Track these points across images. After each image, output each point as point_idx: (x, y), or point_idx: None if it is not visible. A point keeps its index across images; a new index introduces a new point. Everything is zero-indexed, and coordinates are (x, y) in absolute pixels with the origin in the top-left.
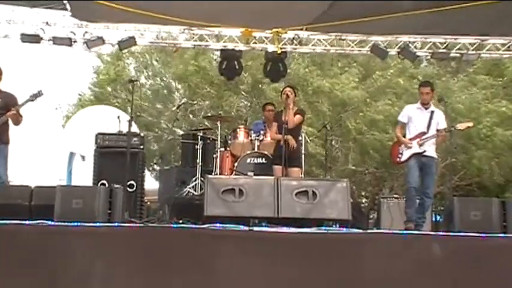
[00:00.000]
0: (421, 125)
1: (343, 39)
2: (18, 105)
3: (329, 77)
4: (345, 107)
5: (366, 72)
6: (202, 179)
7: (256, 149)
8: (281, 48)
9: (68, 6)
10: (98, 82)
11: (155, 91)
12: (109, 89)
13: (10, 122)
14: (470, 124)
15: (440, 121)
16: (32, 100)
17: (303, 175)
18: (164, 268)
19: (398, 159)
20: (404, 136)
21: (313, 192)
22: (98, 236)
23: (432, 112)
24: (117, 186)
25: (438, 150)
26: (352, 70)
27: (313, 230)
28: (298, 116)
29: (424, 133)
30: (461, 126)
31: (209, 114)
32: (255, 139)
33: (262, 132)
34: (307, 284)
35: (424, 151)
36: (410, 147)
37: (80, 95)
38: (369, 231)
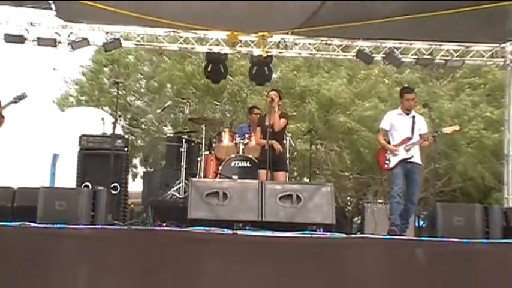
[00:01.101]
0: (405, 131)
1: (329, 44)
2: (0, 107)
3: (320, 77)
4: (332, 106)
5: (351, 76)
6: (186, 181)
7: (241, 153)
8: (267, 52)
9: (52, 6)
10: (95, 60)
11: (147, 85)
12: (106, 69)
13: None
14: (457, 128)
15: (422, 126)
16: (15, 102)
17: (287, 179)
18: (147, 271)
19: (386, 166)
20: (388, 143)
21: (298, 196)
22: (81, 238)
23: (414, 117)
24: (100, 188)
25: (422, 155)
26: (339, 72)
27: (297, 234)
28: (283, 120)
29: (409, 138)
30: (447, 130)
31: (194, 117)
32: (240, 142)
33: (247, 135)
34: None
35: (412, 156)
36: (397, 155)
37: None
38: (352, 235)
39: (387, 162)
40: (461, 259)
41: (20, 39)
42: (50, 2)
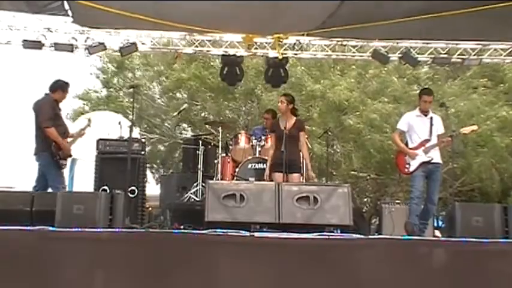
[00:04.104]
0: (423, 132)
1: (344, 45)
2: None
3: (328, 80)
4: (340, 109)
5: (362, 74)
6: (203, 184)
7: (257, 155)
8: (282, 54)
9: (69, 12)
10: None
11: (159, 92)
12: (115, 80)
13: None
14: (475, 127)
15: (439, 127)
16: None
17: (304, 180)
18: (165, 274)
19: (406, 170)
20: (406, 144)
21: (314, 197)
22: (99, 241)
23: (431, 118)
24: (118, 191)
25: (441, 155)
26: (351, 73)
27: (314, 235)
28: (295, 122)
29: (427, 140)
30: (466, 130)
31: (211, 120)
32: (256, 144)
33: (263, 137)
34: None
35: (432, 158)
36: (416, 158)
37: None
38: (370, 236)
39: (407, 166)
40: (480, 259)
41: (37, 45)
42: (67, 8)
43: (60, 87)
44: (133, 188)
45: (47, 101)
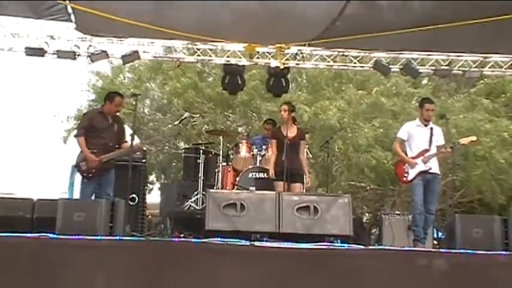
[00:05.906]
0: (422, 142)
1: (346, 55)
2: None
3: (325, 99)
4: (331, 132)
5: (359, 92)
6: (203, 193)
7: (258, 164)
8: (284, 64)
9: (72, 18)
10: (95, 92)
11: (156, 105)
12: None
13: None
14: (474, 138)
15: (439, 137)
16: None
17: (303, 190)
18: (165, 282)
19: (405, 179)
20: (405, 154)
21: (315, 207)
22: (99, 249)
23: (432, 129)
24: (118, 199)
25: (440, 167)
26: (347, 91)
27: (314, 245)
28: (296, 130)
29: (426, 150)
30: (464, 141)
31: (211, 129)
32: (257, 154)
33: (264, 147)
34: None
35: (430, 168)
36: (415, 167)
37: (79, 109)
38: (370, 247)
39: (406, 175)
40: (479, 271)
41: (40, 52)
42: (70, 12)
43: (107, 99)
44: (133, 195)
45: (90, 111)
